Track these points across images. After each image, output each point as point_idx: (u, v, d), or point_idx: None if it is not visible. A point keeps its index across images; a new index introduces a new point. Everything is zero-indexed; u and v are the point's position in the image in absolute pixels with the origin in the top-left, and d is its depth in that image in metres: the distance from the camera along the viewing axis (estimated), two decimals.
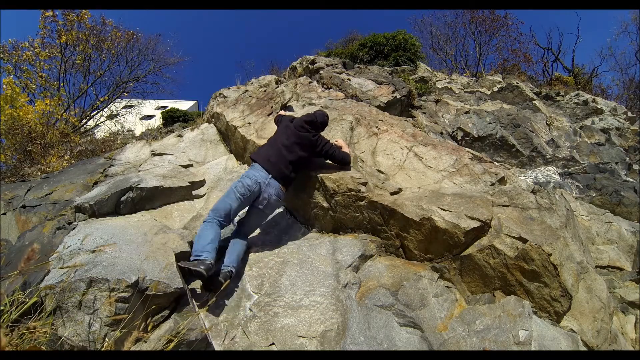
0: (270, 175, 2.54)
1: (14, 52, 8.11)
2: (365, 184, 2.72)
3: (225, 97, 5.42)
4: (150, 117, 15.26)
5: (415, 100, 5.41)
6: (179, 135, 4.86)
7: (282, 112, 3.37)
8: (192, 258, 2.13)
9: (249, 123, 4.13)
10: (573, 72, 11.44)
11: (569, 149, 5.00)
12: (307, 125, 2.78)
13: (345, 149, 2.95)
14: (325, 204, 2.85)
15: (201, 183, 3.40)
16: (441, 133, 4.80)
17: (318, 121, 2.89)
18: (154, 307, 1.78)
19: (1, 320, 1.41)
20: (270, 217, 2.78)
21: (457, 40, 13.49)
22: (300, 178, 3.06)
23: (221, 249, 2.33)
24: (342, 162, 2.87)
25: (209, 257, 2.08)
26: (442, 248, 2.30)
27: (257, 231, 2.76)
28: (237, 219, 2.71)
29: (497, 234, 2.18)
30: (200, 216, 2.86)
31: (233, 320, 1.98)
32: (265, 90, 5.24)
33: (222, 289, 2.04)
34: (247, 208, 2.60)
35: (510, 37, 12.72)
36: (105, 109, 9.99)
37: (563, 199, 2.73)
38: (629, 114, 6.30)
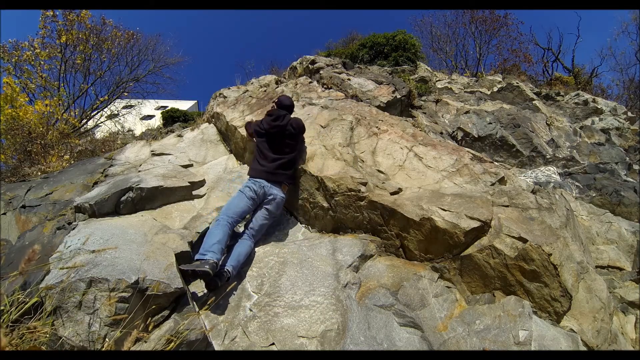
0: (270, 184, 2.72)
1: (14, 52, 8.09)
2: (365, 184, 2.72)
3: (225, 97, 5.41)
4: (150, 117, 15.26)
5: (415, 100, 5.41)
6: (179, 135, 4.85)
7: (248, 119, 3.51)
8: (196, 257, 2.14)
9: None
10: (573, 72, 11.43)
11: (569, 149, 5.00)
12: (275, 122, 2.92)
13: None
14: (325, 204, 2.85)
15: (201, 183, 3.40)
16: (441, 133, 4.79)
17: (285, 111, 3.05)
18: (154, 307, 1.78)
19: (1, 320, 1.41)
20: (276, 217, 2.86)
21: (457, 40, 13.48)
22: (300, 179, 3.07)
23: (228, 248, 2.37)
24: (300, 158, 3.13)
25: (213, 257, 2.11)
26: (442, 248, 2.30)
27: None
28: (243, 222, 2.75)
29: (497, 234, 2.18)
30: (200, 216, 2.86)
31: (233, 320, 1.98)
32: (265, 90, 5.24)
33: (225, 290, 2.05)
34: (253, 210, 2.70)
35: (510, 37, 12.72)
36: (105, 109, 9.98)
37: (563, 199, 2.73)
38: (629, 114, 6.29)
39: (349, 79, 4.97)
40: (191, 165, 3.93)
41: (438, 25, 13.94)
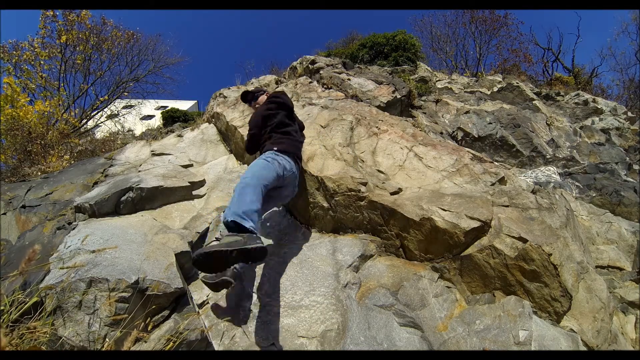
0: (294, 162, 2.49)
1: (14, 52, 8.10)
2: (365, 184, 2.72)
3: (225, 97, 5.41)
4: (150, 117, 15.27)
5: (415, 100, 5.41)
6: (179, 135, 4.86)
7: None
8: (231, 219, 1.63)
9: None
10: (573, 72, 11.44)
11: (569, 149, 5.00)
12: (286, 98, 2.89)
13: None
14: (325, 204, 2.85)
15: (201, 183, 3.40)
16: (441, 133, 4.79)
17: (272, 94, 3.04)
18: (154, 307, 1.78)
19: (1, 320, 1.41)
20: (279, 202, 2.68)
21: (457, 40, 13.50)
22: (300, 178, 3.06)
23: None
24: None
25: (254, 227, 1.61)
26: (442, 248, 2.30)
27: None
28: None
29: (497, 234, 2.18)
30: (200, 216, 2.86)
31: (233, 320, 1.98)
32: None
33: (228, 289, 2.00)
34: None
35: (510, 37, 12.76)
36: (105, 109, 10.00)
37: (563, 199, 2.73)
38: (629, 114, 6.29)
39: (349, 79, 4.98)
40: (191, 165, 3.93)
41: (438, 25, 13.98)
